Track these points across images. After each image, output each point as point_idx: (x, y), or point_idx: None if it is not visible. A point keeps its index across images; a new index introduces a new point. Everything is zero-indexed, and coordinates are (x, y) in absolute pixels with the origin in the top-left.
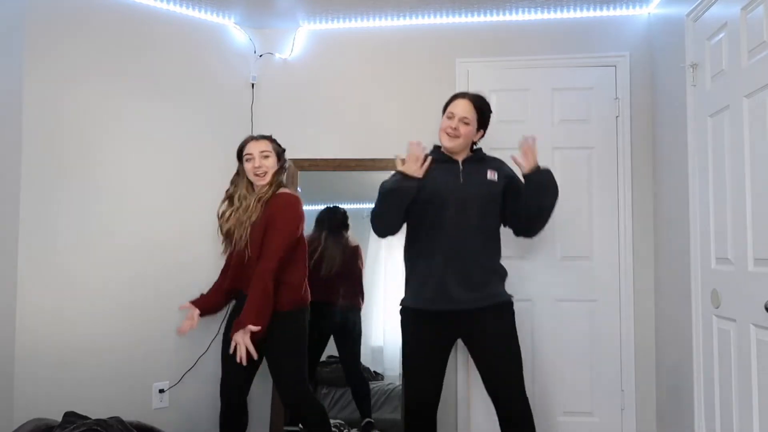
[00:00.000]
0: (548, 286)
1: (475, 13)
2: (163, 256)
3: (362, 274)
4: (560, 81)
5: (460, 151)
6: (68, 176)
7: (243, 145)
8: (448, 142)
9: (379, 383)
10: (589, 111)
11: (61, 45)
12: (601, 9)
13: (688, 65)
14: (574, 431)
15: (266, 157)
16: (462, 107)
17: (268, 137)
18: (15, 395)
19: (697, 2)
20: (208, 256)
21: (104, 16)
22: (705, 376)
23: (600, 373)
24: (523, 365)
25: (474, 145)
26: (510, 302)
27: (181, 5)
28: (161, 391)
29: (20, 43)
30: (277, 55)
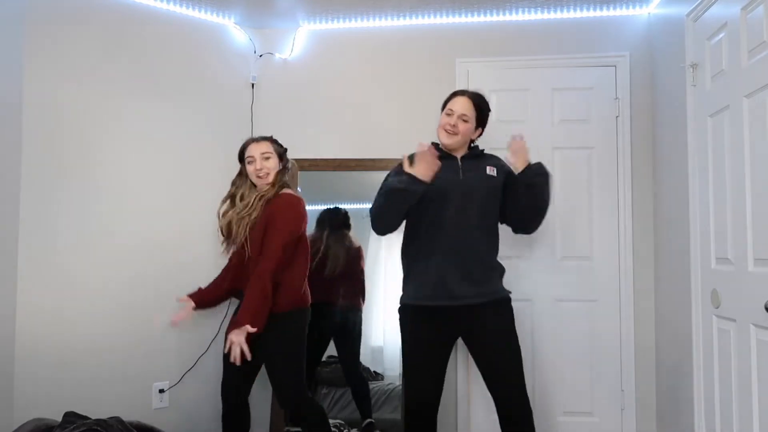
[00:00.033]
0: (548, 286)
1: (475, 13)
2: (163, 256)
3: (364, 275)
4: (560, 81)
5: (459, 148)
6: (68, 176)
7: (244, 147)
8: (447, 139)
9: (379, 383)
10: (589, 111)
11: (61, 45)
12: (601, 9)
13: (688, 65)
14: (574, 431)
15: (267, 158)
16: (461, 104)
17: (269, 138)
18: (15, 395)
19: (697, 2)
20: (208, 256)
21: (104, 16)
22: (705, 376)
23: (600, 373)
24: (523, 363)
25: (472, 142)
26: (509, 298)
27: (181, 5)
28: (161, 391)
29: (20, 43)
30: (277, 55)
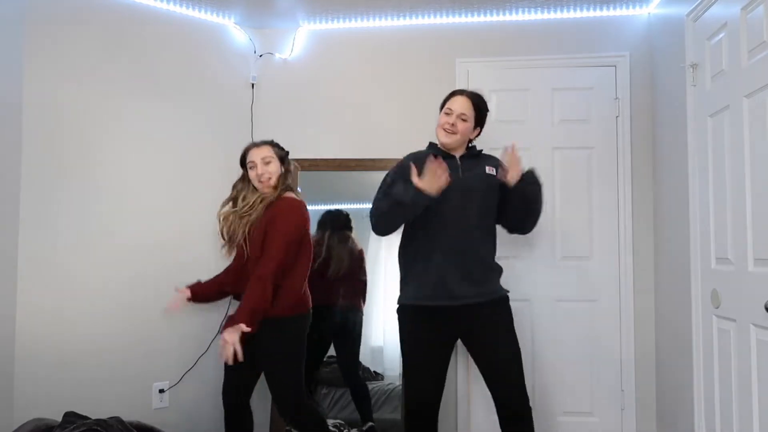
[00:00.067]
0: (548, 286)
1: (475, 13)
2: (163, 256)
3: (366, 277)
4: (560, 81)
5: (457, 147)
6: (68, 176)
7: (245, 152)
8: (446, 138)
9: (379, 383)
10: (589, 111)
11: (61, 45)
12: (601, 9)
13: (688, 65)
14: (574, 431)
15: (268, 163)
16: (460, 104)
17: (270, 142)
18: (15, 395)
19: (697, 2)
20: (208, 256)
21: (104, 16)
22: (705, 376)
23: (600, 373)
24: (522, 362)
25: (470, 142)
26: (507, 298)
27: (181, 5)
28: (161, 391)
29: (20, 43)
30: (277, 55)
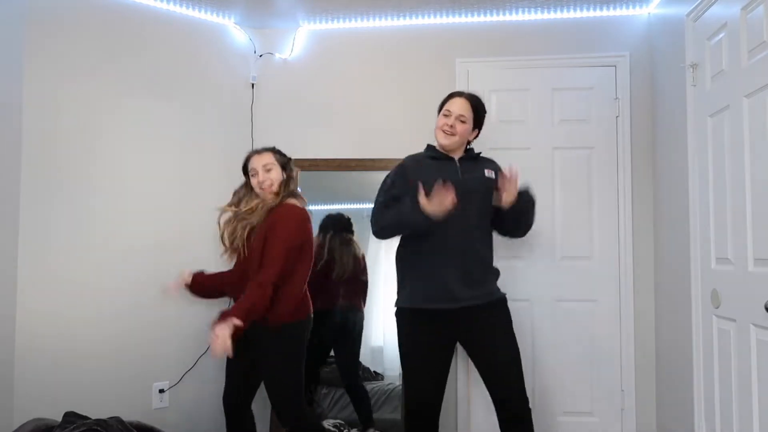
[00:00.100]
0: (548, 286)
1: (475, 13)
2: (164, 257)
3: (367, 280)
4: (560, 81)
5: (456, 149)
6: (68, 176)
7: (246, 159)
8: (445, 140)
9: (379, 383)
10: (589, 111)
11: (61, 45)
12: (601, 9)
13: (688, 65)
14: (574, 431)
15: (269, 170)
16: (459, 105)
17: (271, 149)
18: (15, 395)
19: (697, 2)
20: (208, 257)
21: (104, 16)
22: (705, 376)
23: (600, 373)
24: (522, 364)
25: (468, 144)
26: (505, 299)
27: (181, 5)
28: (161, 391)
29: (20, 43)
30: (277, 55)
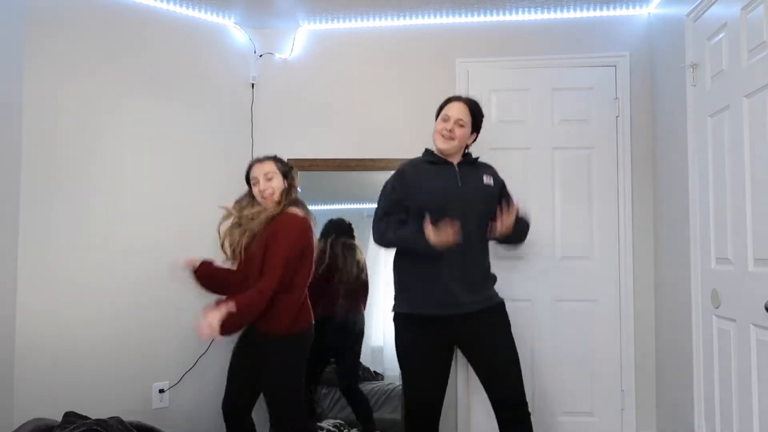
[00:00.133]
0: (548, 286)
1: (475, 13)
2: (164, 257)
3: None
4: (560, 81)
5: (454, 153)
6: (68, 176)
7: (248, 168)
8: (443, 144)
9: (379, 383)
10: (589, 111)
11: (61, 45)
12: (601, 9)
13: (688, 65)
14: (574, 431)
15: (270, 179)
16: (457, 109)
17: (273, 158)
18: (15, 395)
19: (697, 2)
20: (208, 257)
21: (104, 16)
22: (705, 376)
23: (600, 373)
24: (521, 366)
25: (467, 148)
26: (504, 303)
27: (181, 5)
28: (161, 391)
29: (20, 43)
30: (277, 55)
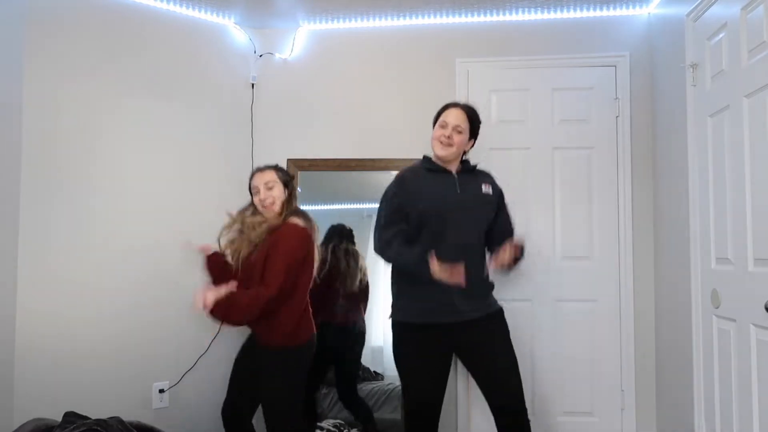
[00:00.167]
0: (548, 286)
1: (475, 13)
2: (163, 257)
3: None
4: (560, 81)
5: (453, 160)
6: (68, 176)
7: (250, 178)
8: (442, 151)
9: (379, 383)
10: (589, 111)
11: (61, 45)
12: (601, 9)
13: (688, 65)
14: (574, 431)
15: (271, 188)
16: (455, 116)
17: (274, 167)
18: (15, 395)
19: (697, 2)
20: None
21: (104, 16)
22: (705, 376)
23: (600, 373)
24: (520, 373)
25: (464, 155)
26: (503, 311)
27: (181, 5)
28: (161, 391)
29: (20, 43)
30: (277, 55)
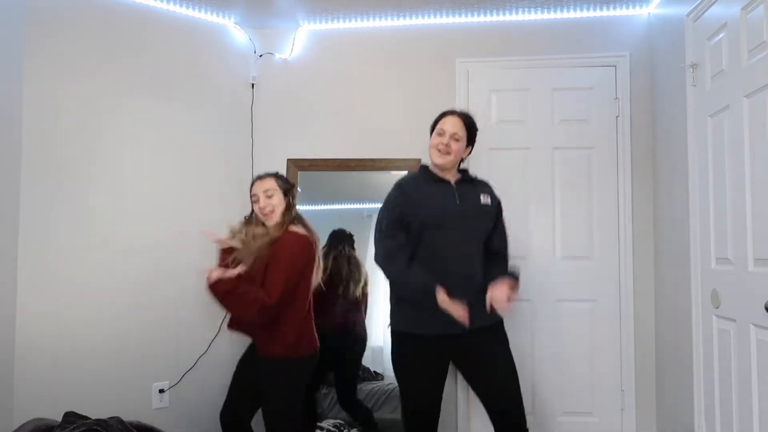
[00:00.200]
0: (548, 286)
1: (475, 13)
2: (163, 257)
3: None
4: (560, 81)
5: (451, 168)
6: (68, 177)
7: (250, 185)
8: (440, 159)
9: (379, 383)
10: (589, 111)
11: (61, 45)
12: (601, 9)
13: (688, 65)
14: (574, 431)
15: (270, 196)
16: (452, 124)
17: (274, 174)
18: (15, 395)
19: (697, 2)
20: (208, 258)
21: (104, 16)
22: (705, 376)
23: (600, 373)
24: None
25: (462, 161)
26: (502, 321)
27: (181, 5)
28: (161, 391)
29: (20, 43)
30: (277, 55)
